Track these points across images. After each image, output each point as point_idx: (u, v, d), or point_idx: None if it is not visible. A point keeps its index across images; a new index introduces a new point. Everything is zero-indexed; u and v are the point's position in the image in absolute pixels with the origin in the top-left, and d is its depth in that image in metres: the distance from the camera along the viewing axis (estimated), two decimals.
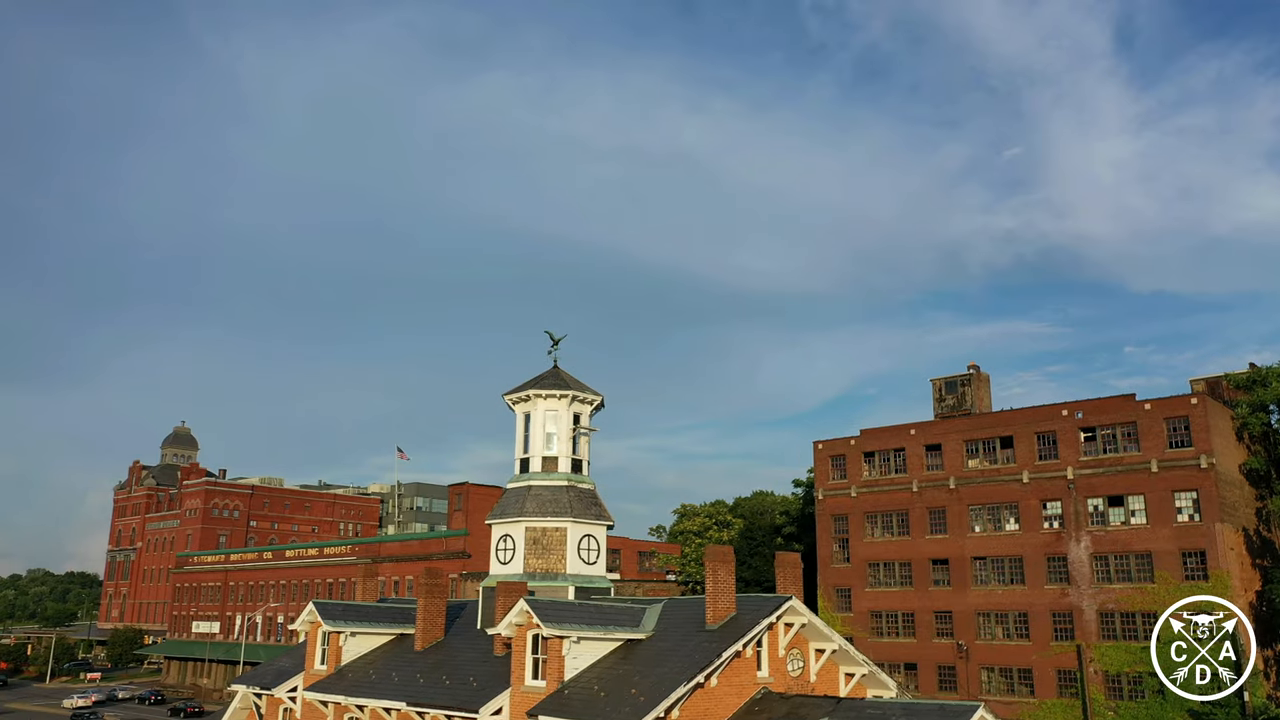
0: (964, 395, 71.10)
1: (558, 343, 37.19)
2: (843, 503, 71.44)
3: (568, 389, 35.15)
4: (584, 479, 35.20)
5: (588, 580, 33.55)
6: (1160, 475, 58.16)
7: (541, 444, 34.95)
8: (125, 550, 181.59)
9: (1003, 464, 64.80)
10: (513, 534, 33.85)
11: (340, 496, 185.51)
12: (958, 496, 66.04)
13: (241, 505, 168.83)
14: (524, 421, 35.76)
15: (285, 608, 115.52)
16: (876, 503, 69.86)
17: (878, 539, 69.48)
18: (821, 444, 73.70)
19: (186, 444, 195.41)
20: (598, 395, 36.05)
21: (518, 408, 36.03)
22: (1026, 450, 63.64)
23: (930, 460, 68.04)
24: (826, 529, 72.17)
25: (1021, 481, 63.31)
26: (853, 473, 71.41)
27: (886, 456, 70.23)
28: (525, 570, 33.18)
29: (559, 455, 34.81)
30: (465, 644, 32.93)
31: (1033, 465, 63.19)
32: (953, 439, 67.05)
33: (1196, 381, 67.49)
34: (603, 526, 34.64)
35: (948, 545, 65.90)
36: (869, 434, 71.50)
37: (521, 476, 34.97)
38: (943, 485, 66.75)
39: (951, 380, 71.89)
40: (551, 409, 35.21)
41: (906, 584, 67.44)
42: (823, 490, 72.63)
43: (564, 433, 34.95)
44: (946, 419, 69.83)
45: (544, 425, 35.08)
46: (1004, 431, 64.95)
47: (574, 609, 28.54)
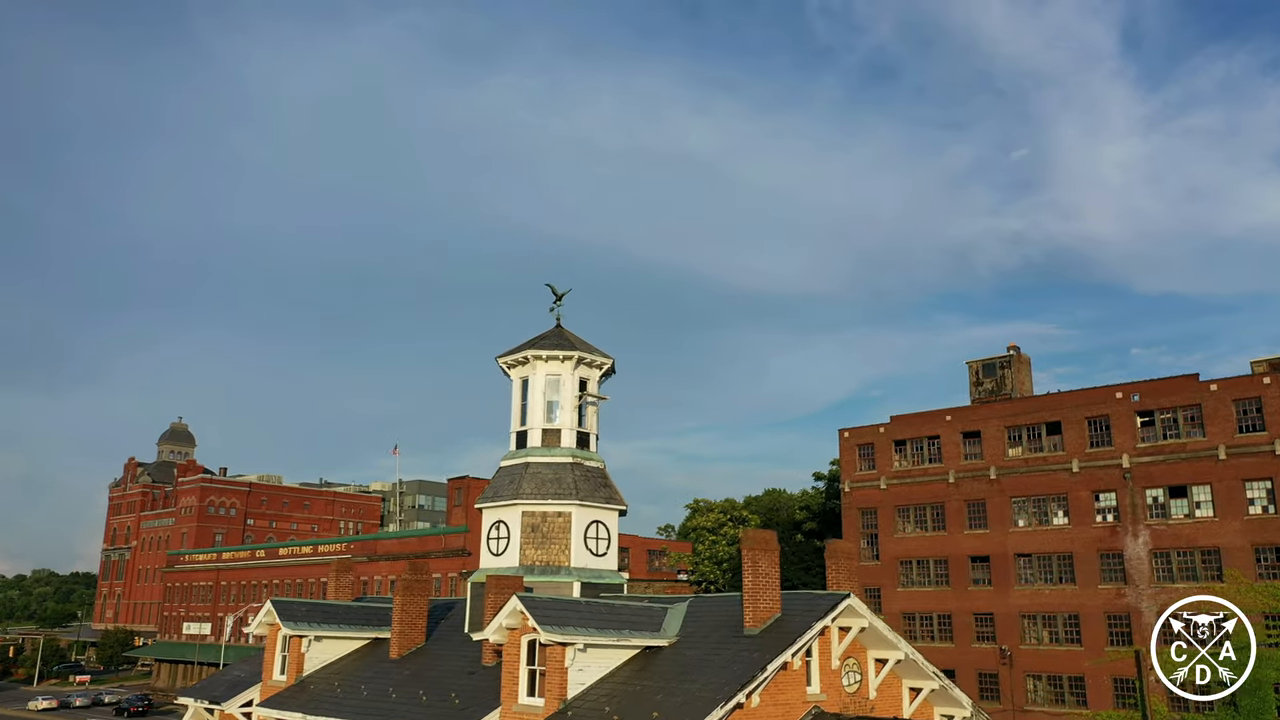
0: (1003, 378, 65.47)
1: (561, 298, 31.78)
2: (871, 495, 65.85)
3: (572, 349, 29.74)
4: (592, 455, 29.79)
5: (596, 575, 28.14)
6: (1228, 463, 52.50)
7: (542, 414, 29.54)
8: (120, 549, 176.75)
9: (1049, 452, 59.16)
10: (506, 520, 28.46)
11: (340, 494, 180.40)
12: (999, 488, 60.42)
13: (238, 503, 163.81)
14: (521, 389, 30.36)
15: None
16: (909, 495, 64.26)
17: (910, 534, 63.88)
18: (848, 432, 68.15)
19: (183, 440, 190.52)
20: (608, 358, 30.62)
21: (514, 373, 30.63)
22: (1076, 437, 58.00)
23: (968, 449, 62.44)
24: (853, 524, 66.59)
25: (1071, 471, 57.67)
26: (882, 463, 65.82)
27: (919, 445, 64.63)
28: (522, 563, 27.78)
29: (562, 428, 29.39)
30: (450, 651, 27.53)
31: (1083, 453, 57.55)
32: (993, 425, 61.45)
33: (1258, 363, 61.75)
34: (614, 511, 29.25)
35: (988, 541, 60.29)
36: (900, 421, 65.93)
37: (517, 453, 29.57)
38: (982, 476, 61.15)
39: (990, 362, 66.27)
40: (553, 373, 29.80)
41: (942, 583, 61.85)
42: (849, 482, 67.08)
43: (568, 401, 29.54)
44: (985, 403, 64.21)
45: (544, 393, 29.68)
46: (1051, 416, 59.32)
47: (580, 609, 23.10)
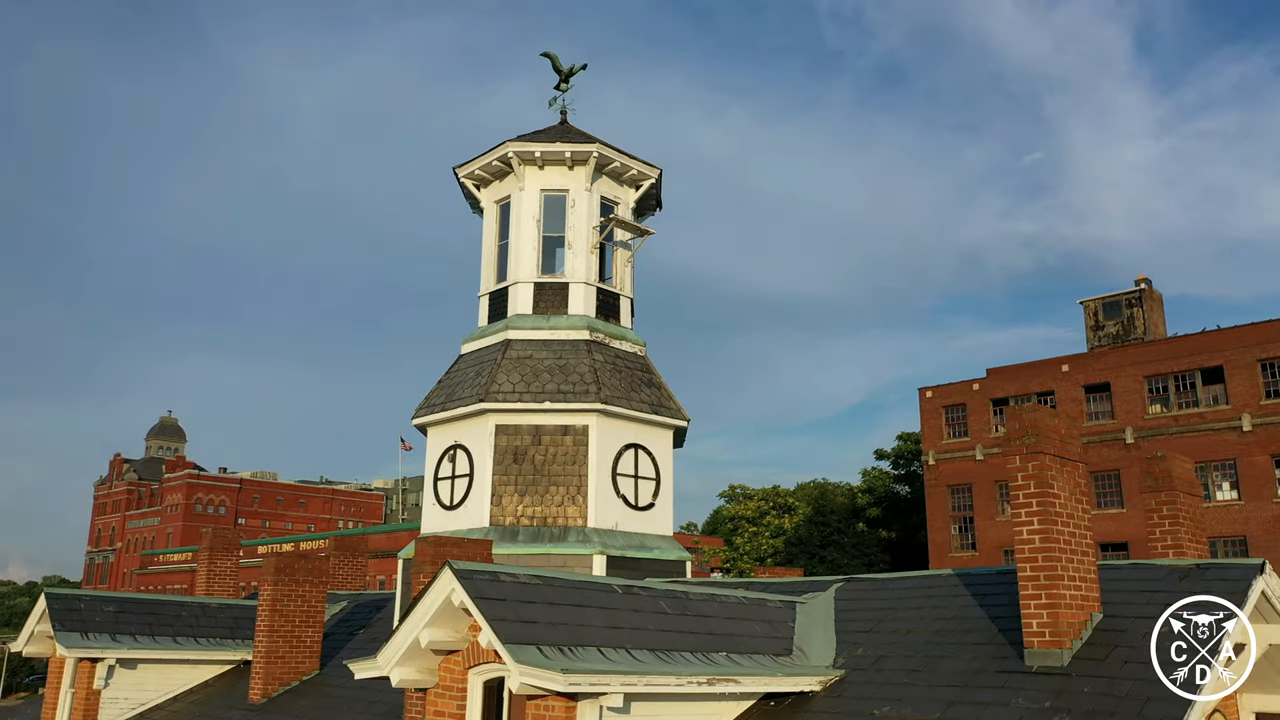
0: (1132, 319, 51.86)
1: (568, 76, 18.54)
2: (964, 469, 52.33)
3: (589, 142, 16.51)
4: (625, 331, 16.61)
5: (636, 544, 14.92)
6: None
7: (534, 259, 16.37)
8: (104, 551, 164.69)
9: (1207, 406, 45.58)
10: (467, 442, 15.31)
11: (339, 491, 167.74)
12: (1139, 454, 46.76)
13: (228, 501, 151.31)
14: (498, 220, 17.17)
15: None
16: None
17: None
18: (931, 391, 54.67)
19: (173, 435, 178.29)
20: (652, 168, 17.40)
21: (485, 193, 17.45)
22: (1245, 386, 44.40)
23: (1094, 406, 48.89)
24: (941, 505, 53.07)
25: (1239, 430, 44.09)
26: (977, 428, 52.30)
27: (1026, 403, 51.05)
28: (495, 521, 14.63)
29: (570, 280, 16.20)
30: (357, 690, 14.18)
31: (1256, 407, 43.96)
32: (1126, 375, 47.88)
33: None
34: (667, 429, 16.05)
35: (1126, 523, 46.64)
36: (1000, 374, 52.41)
37: (491, 327, 16.41)
38: (1114, 439, 47.58)
39: (1113, 300, 52.65)
40: (555, 188, 16.62)
41: None
42: (934, 453, 53.57)
43: (583, 234, 16.36)
44: (1113, 349, 50.65)
45: (539, 222, 16.49)
46: (1207, 361, 45.73)
47: (611, 602, 9.68)
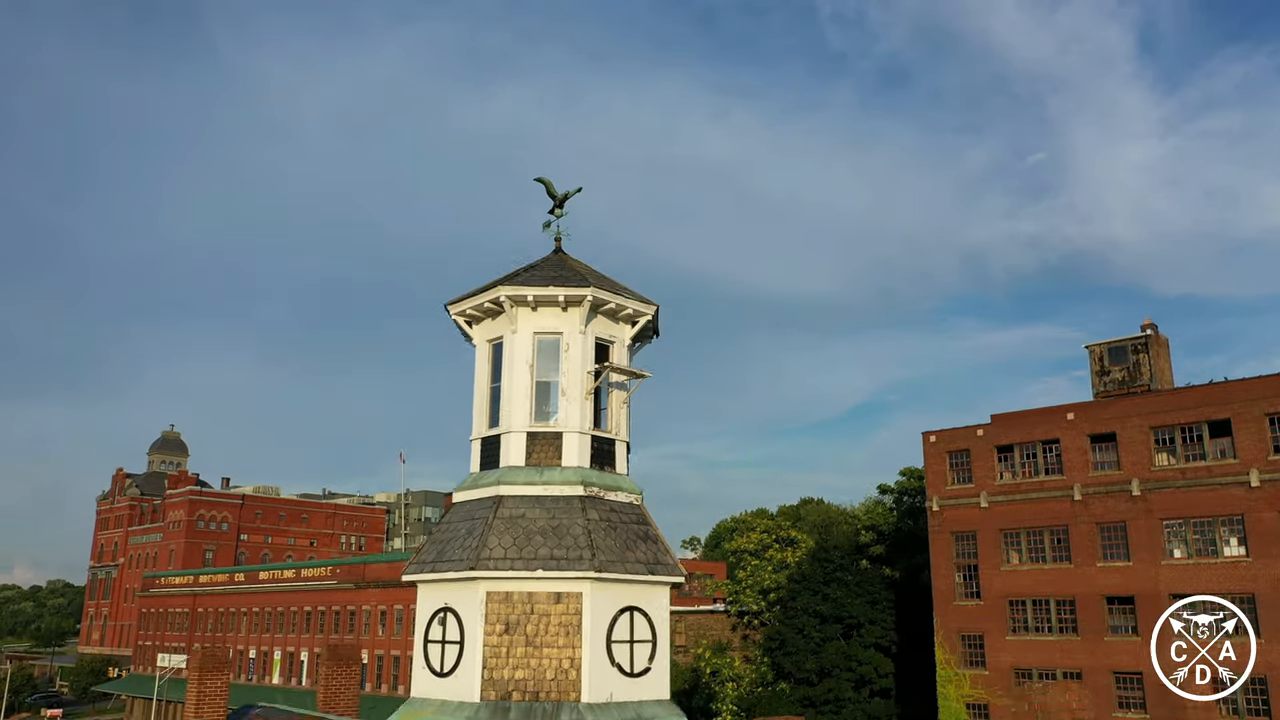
0: (1138, 365, 51.34)
1: (562, 202, 18.12)
2: (969, 516, 51.86)
3: (583, 284, 16.09)
4: (620, 481, 16.18)
5: (633, 714, 14.49)
6: None
7: (527, 406, 15.93)
8: (107, 567, 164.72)
9: (1214, 459, 45.07)
10: (458, 607, 14.87)
11: (341, 507, 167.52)
12: (1145, 506, 46.34)
13: (230, 517, 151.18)
14: (490, 360, 16.75)
15: (258, 640, 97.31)
16: (1019, 515, 50.26)
17: (1022, 566, 49.85)
18: (935, 435, 54.20)
19: (175, 450, 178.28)
20: (647, 305, 16.99)
21: (478, 331, 17.04)
22: (1253, 439, 43.90)
23: (1099, 455, 48.41)
24: (945, 552, 52.60)
25: (1247, 485, 43.59)
26: (982, 474, 51.83)
27: (1031, 451, 50.61)
28: (486, 694, 14.19)
29: (564, 430, 15.77)
30: None
31: (1264, 462, 43.46)
32: (1133, 425, 47.37)
33: None
34: (665, 587, 15.61)
35: (1132, 576, 46.20)
36: (1004, 421, 51.92)
37: (483, 477, 16.00)
38: (1120, 491, 47.09)
39: (1118, 345, 52.14)
40: (549, 330, 16.20)
41: (1069, 631, 47.79)
42: (939, 499, 53.08)
43: (576, 380, 15.93)
44: (1118, 397, 50.14)
45: (532, 366, 16.07)
46: (1214, 413, 45.22)
47: None
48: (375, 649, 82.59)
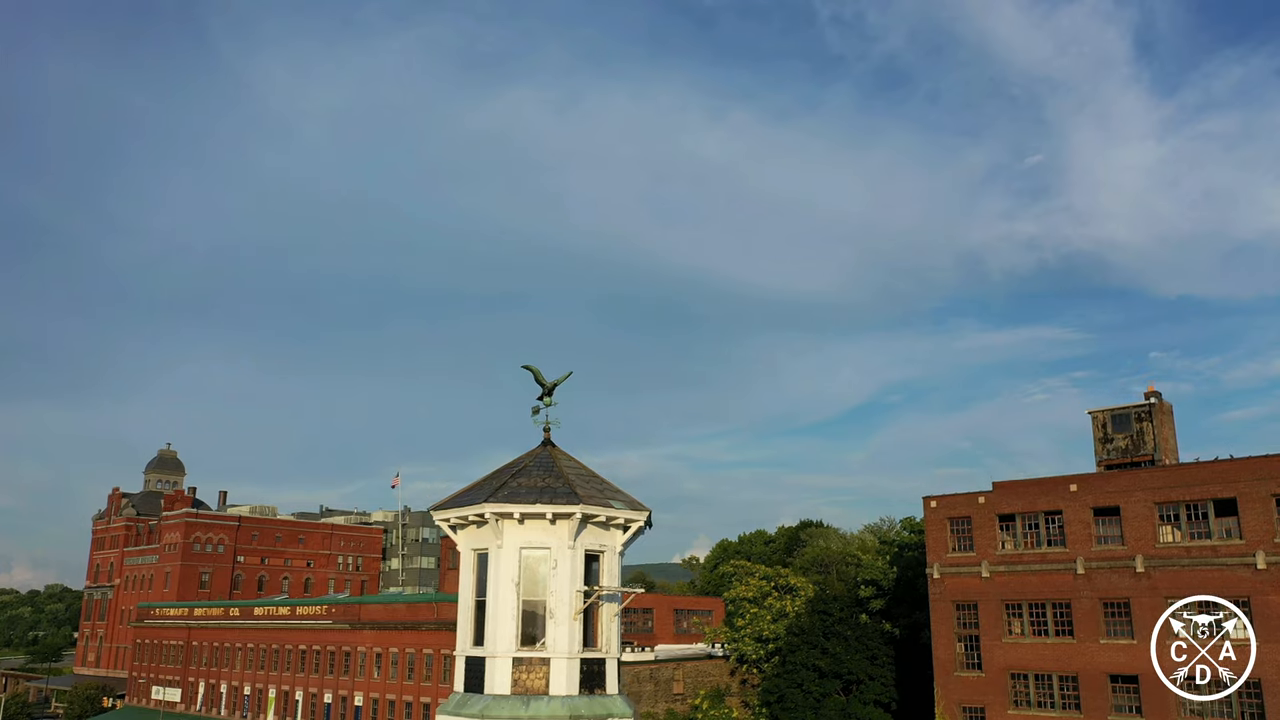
0: (1141, 434, 50.65)
1: (551, 390, 17.40)
2: (971, 585, 51.14)
3: (572, 500, 15.38)
4: (610, 703, 15.45)
5: None
6: None
7: (512, 625, 15.24)
8: (103, 587, 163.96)
9: (1220, 538, 44.37)
10: None
11: (338, 527, 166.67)
12: (1150, 584, 45.64)
13: (227, 539, 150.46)
14: (475, 569, 16.05)
15: (253, 676, 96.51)
16: (1021, 587, 49.55)
17: (1025, 639, 49.14)
18: (936, 501, 53.48)
19: (172, 468, 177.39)
20: (639, 510, 16.27)
21: (464, 538, 16.33)
22: (1259, 520, 43.20)
23: (1103, 529, 47.69)
24: (946, 620, 51.87)
25: (1254, 567, 42.88)
26: (983, 543, 51.10)
27: (1034, 521, 49.89)
28: None
29: (552, 655, 15.05)
30: None
31: (1271, 543, 42.75)
32: (1137, 500, 46.67)
33: None
34: None
35: (1135, 655, 45.46)
36: (1006, 489, 51.20)
37: (467, 702, 15.26)
38: (1124, 566, 46.38)
39: (1122, 413, 51.44)
40: (536, 544, 15.50)
41: (1072, 708, 47.08)
42: (940, 566, 52.35)
43: (565, 597, 15.22)
44: (1120, 468, 49.45)
45: (518, 583, 15.35)
46: (1220, 491, 44.52)
47: None
48: (370, 692, 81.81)
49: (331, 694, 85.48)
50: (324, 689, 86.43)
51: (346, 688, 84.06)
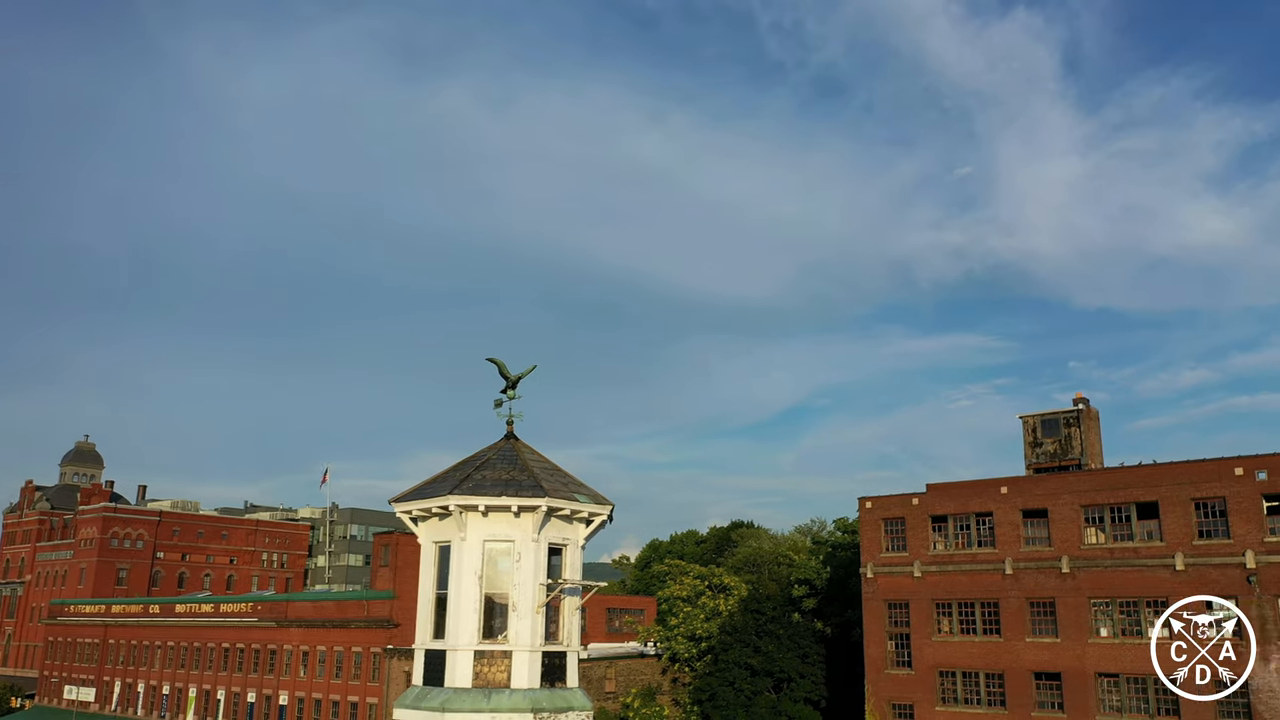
0: (1069, 439, 52.21)
1: (515, 383, 17.34)
2: (903, 584, 52.17)
3: (537, 494, 15.36)
4: (571, 696, 15.46)
5: None
6: None
7: (474, 619, 15.16)
8: (13, 583, 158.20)
9: (1142, 541, 45.96)
10: None
11: (263, 523, 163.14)
12: (1074, 584, 47.08)
13: (146, 534, 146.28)
14: (436, 562, 15.93)
15: (172, 674, 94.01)
16: (951, 587, 50.71)
17: (954, 638, 50.30)
18: (871, 502, 54.43)
19: (89, 461, 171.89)
20: (602, 505, 16.32)
21: (424, 530, 16.18)
22: (1179, 523, 44.86)
23: (1031, 531, 49.05)
24: (878, 619, 52.83)
25: (1173, 568, 44.51)
26: (916, 543, 52.18)
27: (965, 523, 51.10)
28: None
29: (515, 648, 15.01)
30: None
31: (1190, 545, 44.41)
32: (1064, 503, 48.10)
33: None
34: None
35: (1060, 653, 46.88)
36: (939, 491, 52.36)
37: (427, 696, 15.14)
38: (1050, 567, 47.78)
39: (1051, 418, 52.97)
40: (500, 537, 15.44)
41: (997, 705, 48.32)
42: (873, 566, 53.30)
43: (528, 590, 15.20)
44: (1049, 472, 50.91)
45: (481, 575, 15.28)
46: (1143, 495, 46.11)
47: None
48: (297, 691, 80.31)
49: (255, 693, 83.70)
50: (248, 688, 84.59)
51: (271, 687, 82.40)
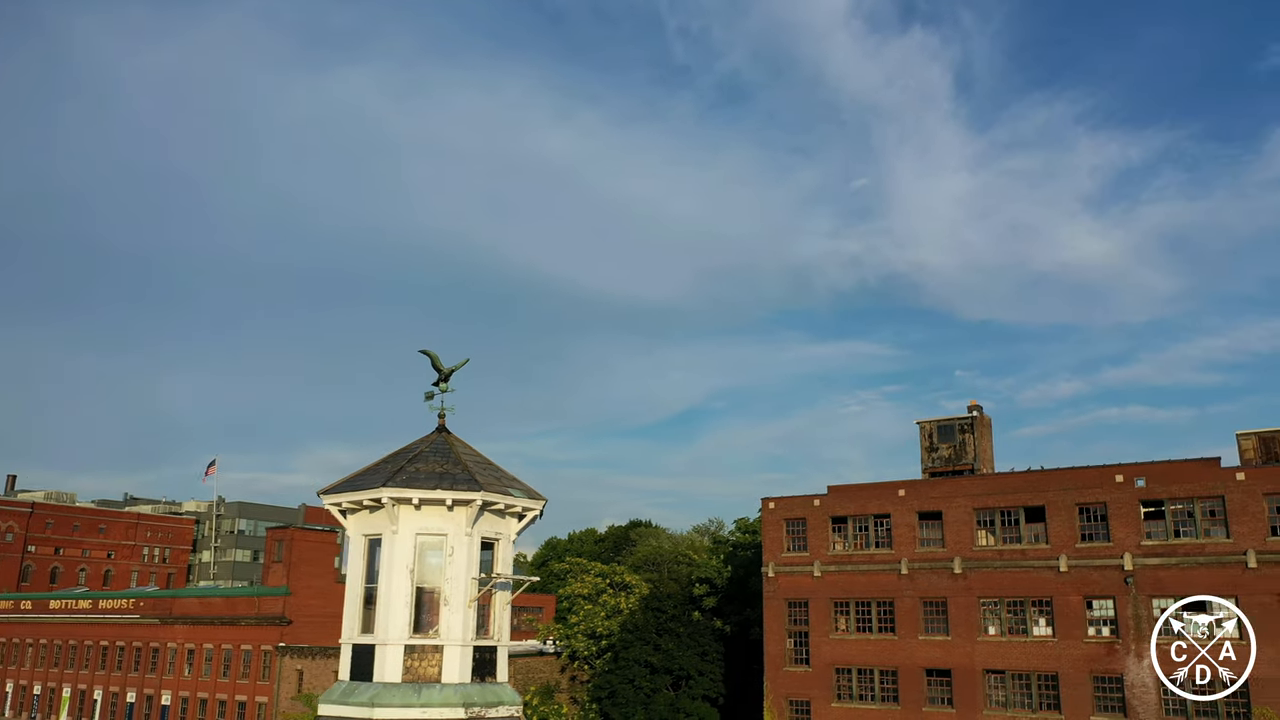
0: (963, 445, 54.24)
1: (448, 376, 17.25)
2: (803, 583, 53.36)
3: (474, 489, 15.32)
4: (501, 691, 15.48)
5: None
6: (1260, 573, 42.40)
7: (405, 613, 15.04)
8: None
9: (1029, 543, 48.05)
10: None
11: (145, 516, 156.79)
12: (965, 584, 48.93)
13: (16, 526, 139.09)
14: (365, 555, 15.73)
15: (44, 674, 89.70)
16: (849, 586, 52.10)
17: (851, 636, 51.69)
18: (774, 502, 55.51)
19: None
20: (536, 500, 16.36)
21: (353, 523, 15.96)
22: (1064, 527, 47.07)
23: (926, 533, 50.76)
24: (778, 617, 53.93)
25: (1057, 570, 46.68)
26: (817, 544, 53.45)
27: (864, 524, 52.57)
28: None
29: (446, 642, 14.95)
30: None
31: (1073, 548, 46.65)
32: (958, 505, 49.95)
33: (1245, 436, 52.57)
34: None
35: (951, 650, 48.66)
36: (840, 493, 53.74)
37: (355, 691, 14.94)
38: (944, 568, 49.55)
39: (947, 424, 54.93)
40: (433, 531, 15.35)
41: (890, 700, 49.85)
42: (774, 565, 54.38)
43: (460, 584, 15.16)
44: (945, 476, 52.78)
45: (413, 569, 15.16)
46: (1032, 499, 48.24)
47: None
48: (181, 691, 77.53)
49: (136, 693, 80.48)
50: (127, 687, 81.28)
51: (153, 686, 79.34)
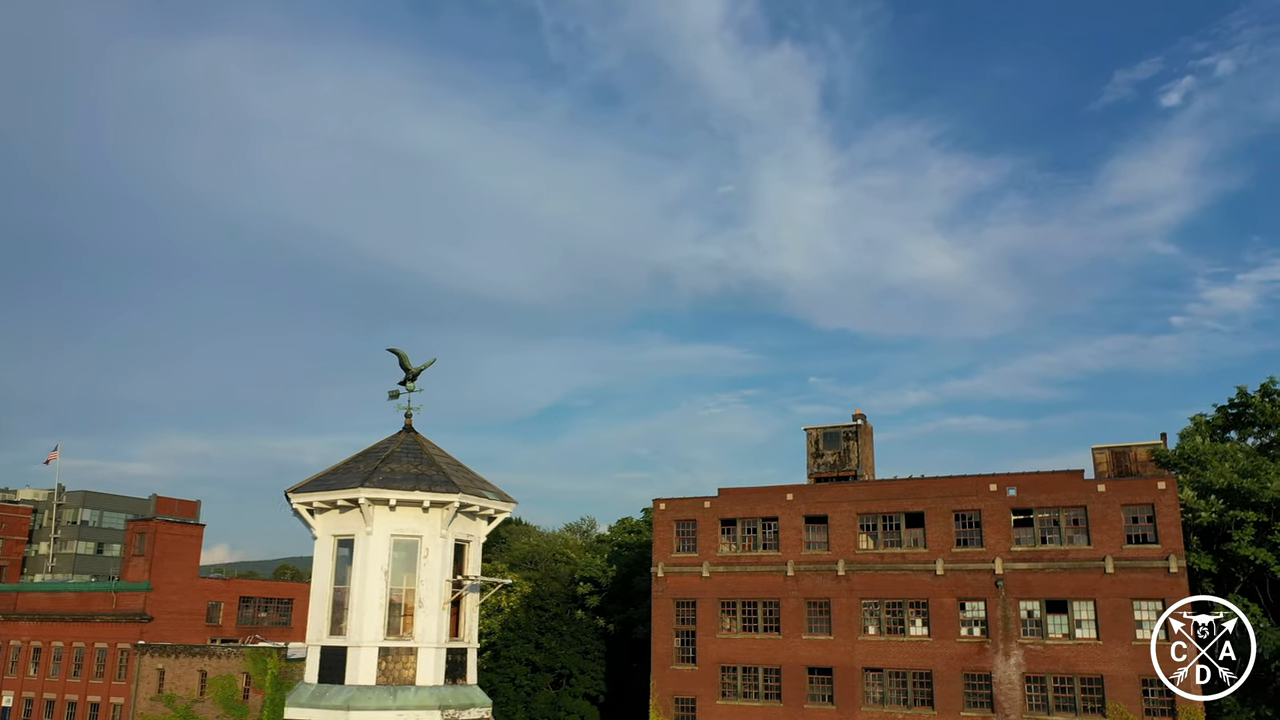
0: (847, 451, 56.42)
1: (415, 375, 17.18)
2: (691, 583, 54.46)
3: (451, 491, 15.33)
4: (473, 693, 15.55)
5: None
6: (1116, 578, 45.83)
7: (380, 615, 14.92)
8: None
9: (909, 547, 50.44)
10: None
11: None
12: (848, 586, 50.96)
13: None
14: (334, 555, 15.52)
15: None
16: (736, 587, 53.49)
17: (737, 635, 53.07)
18: (664, 504, 56.43)
19: None
20: (507, 502, 16.49)
21: (321, 523, 15.70)
22: (941, 532, 49.63)
23: (813, 535, 52.61)
24: (666, 617, 54.86)
25: (934, 573, 49.19)
26: (706, 545, 54.64)
27: (752, 527, 54.07)
28: None
29: (420, 641, 14.95)
30: None
31: (949, 553, 49.24)
32: (843, 510, 51.97)
33: (1100, 450, 56.51)
34: None
35: (832, 649, 50.60)
36: (730, 495, 55.08)
37: (327, 694, 14.74)
38: (828, 570, 51.47)
39: (833, 431, 57.00)
40: (408, 532, 15.28)
41: (773, 697, 51.46)
42: (664, 565, 55.30)
43: (435, 586, 15.16)
44: (831, 482, 54.78)
45: (388, 571, 15.07)
46: (912, 505, 50.64)
47: None
48: (25, 691, 72.93)
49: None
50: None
51: None
